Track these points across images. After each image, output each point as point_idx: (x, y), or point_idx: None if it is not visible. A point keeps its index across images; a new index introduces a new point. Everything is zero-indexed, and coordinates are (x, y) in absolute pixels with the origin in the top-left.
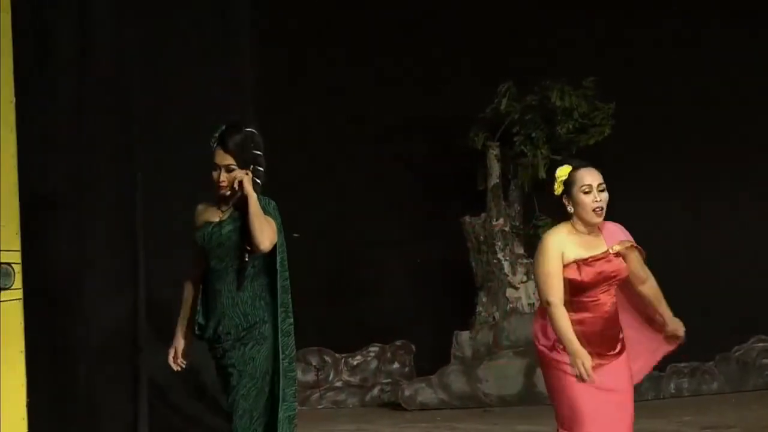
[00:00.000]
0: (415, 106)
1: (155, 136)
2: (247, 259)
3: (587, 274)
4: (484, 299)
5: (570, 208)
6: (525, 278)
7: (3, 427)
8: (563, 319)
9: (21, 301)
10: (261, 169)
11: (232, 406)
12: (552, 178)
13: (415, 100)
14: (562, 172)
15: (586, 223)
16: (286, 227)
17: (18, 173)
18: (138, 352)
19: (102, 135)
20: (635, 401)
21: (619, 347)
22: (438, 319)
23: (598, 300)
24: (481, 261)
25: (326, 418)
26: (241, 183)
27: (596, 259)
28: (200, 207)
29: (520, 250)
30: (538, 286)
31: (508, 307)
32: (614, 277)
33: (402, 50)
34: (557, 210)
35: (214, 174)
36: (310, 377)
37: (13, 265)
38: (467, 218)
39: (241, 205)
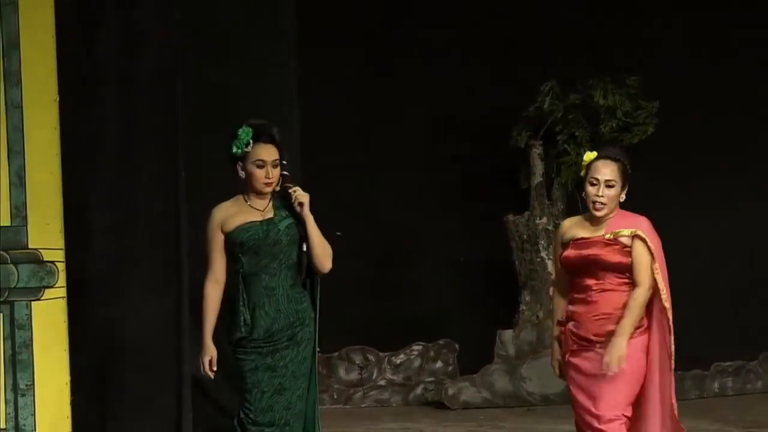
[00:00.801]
0: (458, 105)
1: (199, 136)
2: (302, 256)
3: (569, 254)
4: (527, 298)
5: (584, 194)
6: None
7: (48, 425)
8: (556, 306)
9: (65, 300)
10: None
11: (277, 406)
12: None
13: (457, 98)
14: (587, 157)
15: (591, 213)
16: (331, 225)
17: (61, 172)
18: (181, 350)
19: (146, 134)
20: (678, 400)
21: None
22: (481, 318)
23: (585, 282)
24: (524, 260)
25: (369, 416)
26: (301, 204)
27: (584, 241)
28: (226, 209)
29: None
30: None
31: (551, 306)
32: (595, 261)
33: (445, 49)
34: None
35: (261, 171)
36: (354, 376)
37: (56, 263)
38: (510, 217)
39: (284, 201)
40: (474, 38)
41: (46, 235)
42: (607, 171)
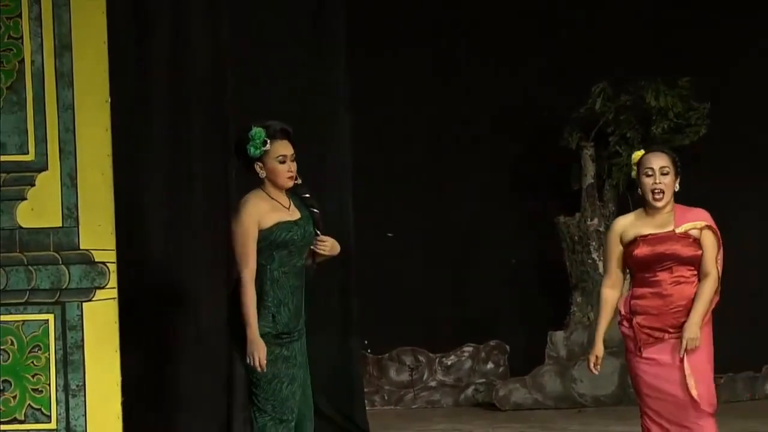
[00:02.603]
0: (510, 107)
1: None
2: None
3: (641, 251)
4: (578, 299)
5: (639, 191)
6: None
7: (98, 425)
8: (602, 307)
9: (116, 301)
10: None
11: (292, 396)
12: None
13: (509, 100)
14: (635, 156)
15: (650, 206)
16: (382, 226)
17: (113, 173)
18: (232, 350)
19: (196, 135)
20: (730, 401)
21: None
22: (532, 319)
23: (657, 277)
24: (575, 261)
25: (420, 417)
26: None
27: (656, 236)
28: (259, 205)
29: None
30: None
31: (600, 304)
32: (670, 255)
33: (495, 51)
34: None
35: (283, 166)
36: (405, 377)
37: (108, 264)
38: (562, 218)
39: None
40: (526, 39)
41: (98, 236)
42: (659, 160)
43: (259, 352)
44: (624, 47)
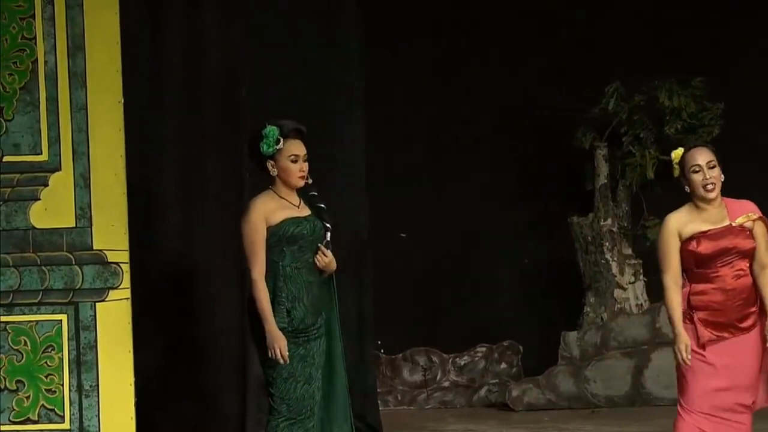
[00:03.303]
0: (523, 106)
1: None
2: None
3: (705, 247)
4: (591, 300)
5: (687, 189)
6: (633, 279)
7: (112, 425)
8: (673, 303)
9: (129, 301)
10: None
11: (307, 395)
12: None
13: (522, 99)
14: (676, 155)
15: (703, 200)
16: (395, 226)
17: (126, 173)
18: (246, 351)
19: (210, 136)
20: None
21: (748, 323)
22: (545, 320)
23: (718, 272)
24: (588, 261)
25: (433, 418)
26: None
27: (716, 232)
28: (268, 203)
29: (628, 251)
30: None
31: (615, 308)
32: (732, 249)
33: (508, 50)
34: (665, 210)
35: (295, 165)
36: (418, 377)
37: (121, 264)
38: (575, 218)
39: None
40: (539, 39)
41: (111, 237)
42: (704, 155)
43: (279, 343)
44: (638, 47)
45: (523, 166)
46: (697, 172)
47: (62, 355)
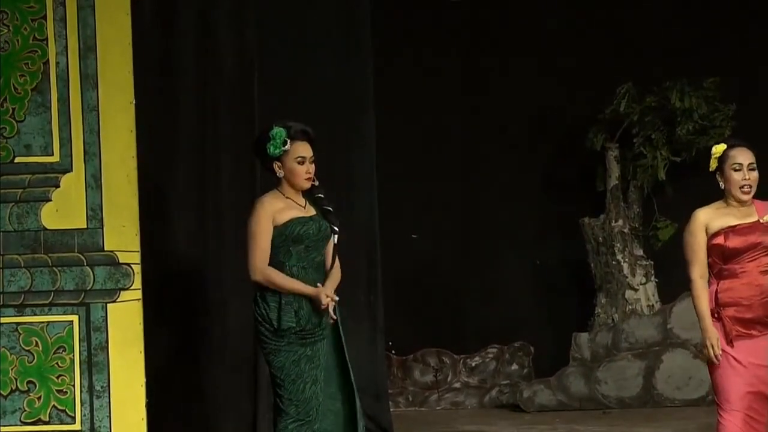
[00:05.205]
0: (534, 108)
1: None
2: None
3: (732, 241)
4: (603, 301)
5: (722, 184)
6: (644, 280)
7: (123, 427)
8: (700, 296)
9: (140, 302)
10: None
11: (314, 397)
12: (708, 155)
13: (533, 101)
14: (717, 149)
15: (736, 200)
16: (407, 227)
17: (138, 174)
18: (257, 353)
19: (223, 136)
20: None
21: None
22: (556, 321)
23: (745, 268)
24: (600, 262)
25: (445, 419)
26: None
27: (744, 227)
28: (274, 203)
29: (640, 252)
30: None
31: (627, 309)
32: (759, 245)
33: (521, 52)
34: (676, 211)
35: (302, 167)
36: (429, 378)
37: (132, 265)
38: (586, 219)
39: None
40: (551, 41)
41: (122, 238)
42: (747, 156)
43: (321, 295)
44: (650, 48)
45: (535, 167)
46: (737, 170)
47: (73, 356)
